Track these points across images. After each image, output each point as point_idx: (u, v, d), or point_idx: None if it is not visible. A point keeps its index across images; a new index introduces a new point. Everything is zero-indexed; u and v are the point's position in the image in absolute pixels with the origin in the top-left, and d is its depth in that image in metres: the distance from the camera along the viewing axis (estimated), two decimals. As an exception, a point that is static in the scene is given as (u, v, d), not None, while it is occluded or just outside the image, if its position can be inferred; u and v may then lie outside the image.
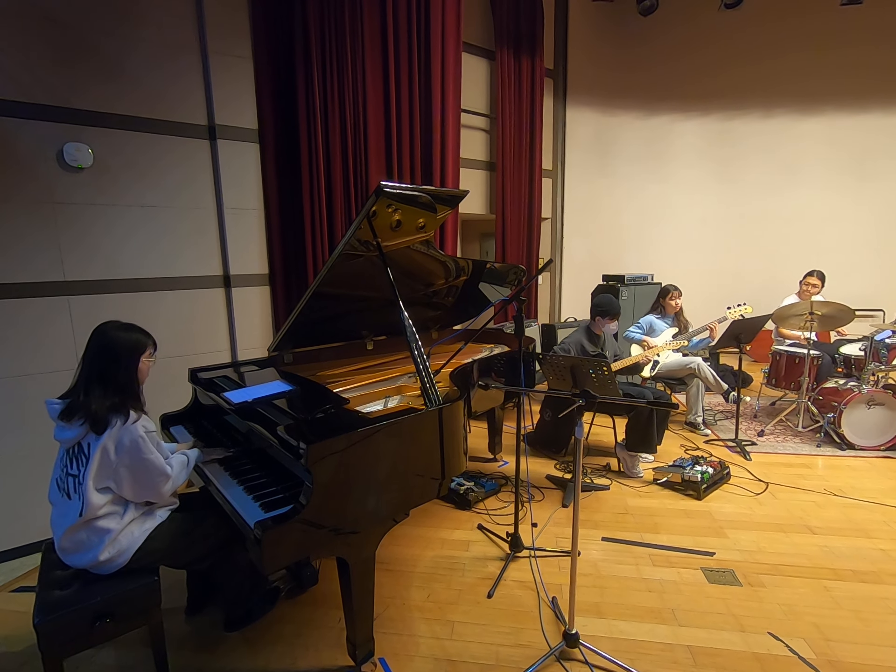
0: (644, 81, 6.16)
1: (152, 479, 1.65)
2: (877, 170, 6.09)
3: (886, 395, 3.48)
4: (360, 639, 1.75)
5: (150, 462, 1.62)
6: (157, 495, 1.70)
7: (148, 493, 1.68)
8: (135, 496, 1.66)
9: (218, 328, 3.27)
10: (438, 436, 1.84)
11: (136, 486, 1.63)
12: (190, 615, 2.09)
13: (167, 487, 1.70)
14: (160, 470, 1.65)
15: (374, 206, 1.92)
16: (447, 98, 4.10)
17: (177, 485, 1.75)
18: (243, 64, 3.16)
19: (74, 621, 1.50)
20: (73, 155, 2.59)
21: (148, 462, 1.62)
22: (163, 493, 1.70)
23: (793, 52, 5.97)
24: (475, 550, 2.50)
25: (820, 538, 2.55)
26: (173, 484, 1.73)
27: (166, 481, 1.68)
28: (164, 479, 1.67)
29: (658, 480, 3.15)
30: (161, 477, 1.66)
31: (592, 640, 1.85)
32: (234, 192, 3.20)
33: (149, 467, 1.63)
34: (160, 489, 1.68)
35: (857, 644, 1.87)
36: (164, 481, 1.68)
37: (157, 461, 1.65)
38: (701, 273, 6.29)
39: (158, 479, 1.66)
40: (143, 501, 1.69)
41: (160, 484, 1.67)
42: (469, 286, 2.95)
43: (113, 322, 1.71)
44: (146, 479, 1.64)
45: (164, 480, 1.67)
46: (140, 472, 1.62)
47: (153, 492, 1.68)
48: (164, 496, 1.72)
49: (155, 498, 1.71)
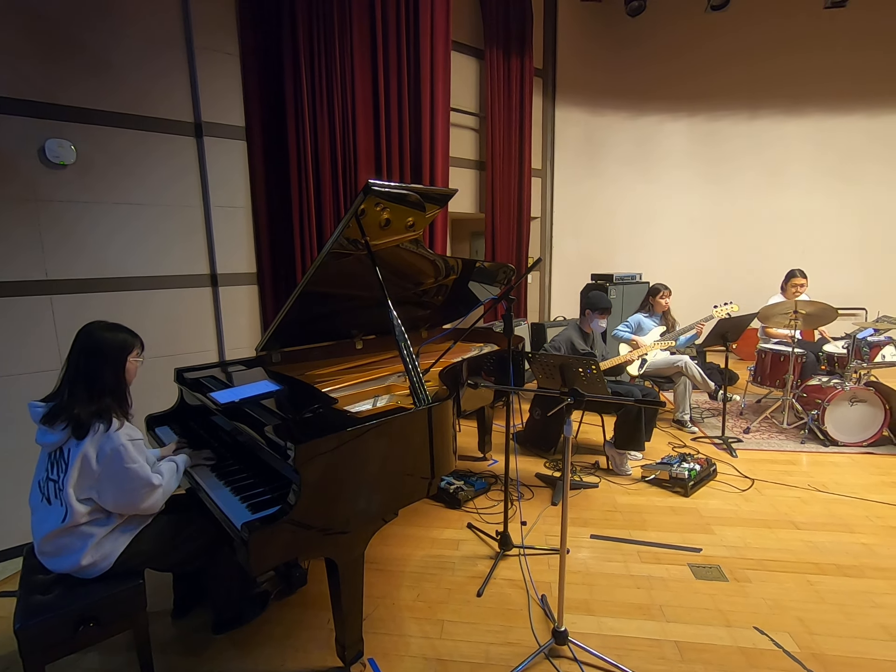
0: (632, 82, 6.20)
1: (135, 490, 1.58)
2: (860, 172, 6.20)
3: (868, 393, 3.54)
4: (349, 639, 1.74)
5: (132, 472, 1.56)
6: (141, 508, 1.61)
7: (130, 505, 1.60)
8: (117, 508, 1.59)
9: (205, 328, 3.24)
10: (428, 435, 1.83)
11: (119, 497, 1.57)
12: (176, 618, 2.06)
13: (155, 498, 1.63)
14: (144, 480, 1.59)
15: (363, 204, 1.91)
16: (436, 96, 4.10)
17: (168, 492, 1.69)
18: (230, 60, 3.13)
19: (57, 626, 1.48)
20: (56, 151, 2.54)
21: (130, 472, 1.55)
22: (149, 505, 1.62)
23: (778, 55, 6.05)
24: (465, 549, 2.50)
25: (804, 533, 2.59)
26: (164, 492, 1.67)
27: (151, 492, 1.61)
28: (149, 489, 1.60)
29: (646, 478, 3.18)
30: (145, 488, 1.59)
31: (581, 637, 1.86)
32: (222, 189, 3.16)
33: (131, 477, 1.56)
34: (144, 501, 1.60)
35: (840, 637, 1.90)
36: (149, 492, 1.61)
37: (141, 470, 1.58)
38: (688, 272, 6.36)
39: (142, 491, 1.59)
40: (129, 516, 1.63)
41: (144, 495, 1.60)
42: (458, 285, 2.95)
43: (99, 322, 1.67)
44: (129, 490, 1.57)
45: (148, 491, 1.60)
46: (122, 482, 1.55)
47: (136, 503, 1.60)
48: (152, 508, 1.65)
49: (139, 511, 1.63)
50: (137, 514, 1.66)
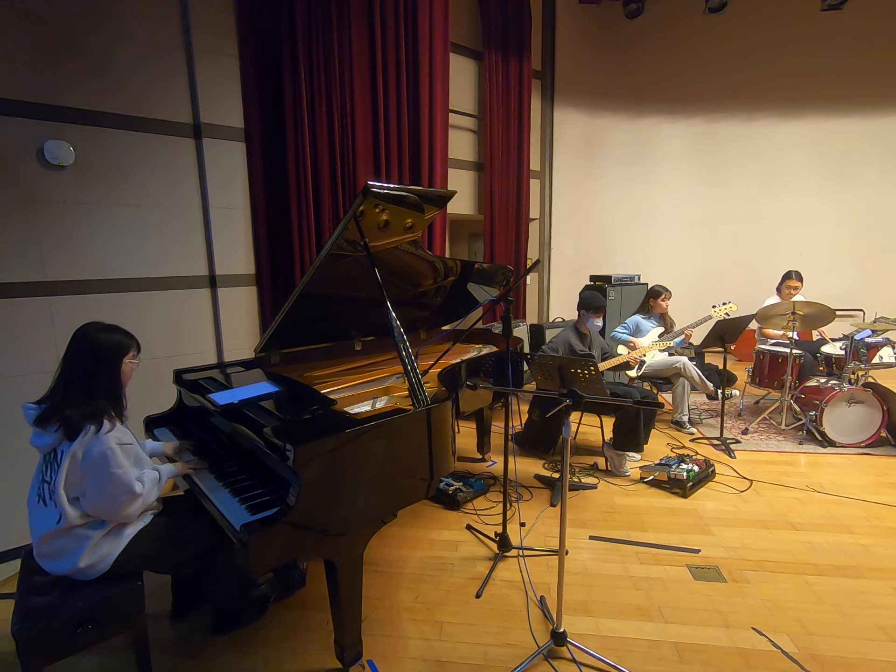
0: (630, 84, 6.22)
1: (115, 497, 1.54)
2: (856, 174, 6.23)
3: (866, 394, 3.55)
4: (348, 641, 1.74)
5: (115, 477, 1.53)
6: (121, 515, 1.58)
7: (110, 510, 1.56)
8: (95, 512, 1.56)
9: (204, 329, 3.23)
10: (427, 436, 1.83)
11: (98, 501, 1.54)
12: (175, 620, 2.05)
13: (134, 507, 1.59)
14: (126, 487, 1.55)
15: (362, 205, 1.91)
16: (435, 98, 4.10)
17: (147, 502, 1.65)
18: (229, 62, 3.13)
19: (55, 628, 1.47)
20: (54, 153, 2.54)
21: (114, 477, 1.53)
22: (127, 512, 1.58)
23: (775, 58, 6.07)
24: (464, 551, 2.50)
25: (802, 534, 2.60)
26: (143, 503, 1.63)
27: (132, 500, 1.58)
28: (129, 497, 1.57)
29: (645, 479, 3.18)
30: (125, 495, 1.56)
31: (580, 639, 1.86)
32: (221, 191, 3.16)
33: (114, 482, 1.53)
34: (123, 509, 1.57)
35: (838, 638, 1.90)
36: (129, 501, 1.57)
37: (124, 477, 1.55)
38: (686, 273, 6.37)
39: (122, 498, 1.55)
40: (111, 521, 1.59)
41: (124, 503, 1.56)
42: (457, 286, 2.95)
43: (95, 323, 1.67)
44: (109, 496, 1.54)
45: (128, 499, 1.57)
46: (104, 486, 1.53)
47: (115, 510, 1.56)
48: (129, 518, 1.61)
49: (117, 518, 1.59)
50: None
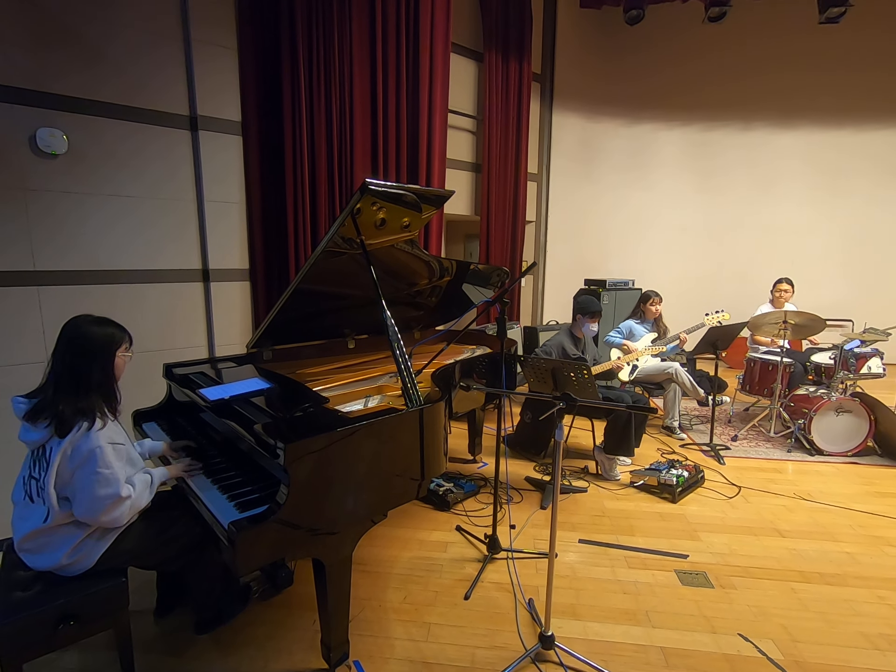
0: (629, 90, 6.25)
1: (99, 500, 1.47)
2: (848, 186, 6.32)
3: (854, 403, 3.59)
4: (334, 641, 1.73)
5: (101, 477, 1.46)
6: (102, 520, 1.50)
7: (91, 512, 1.48)
8: (79, 515, 1.48)
9: (196, 323, 3.20)
10: (419, 436, 1.83)
11: (82, 502, 1.47)
12: (159, 617, 2.03)
13: (120, 510, 1.52)
14: (112, 489, 1.48)
15: (359, 203, 1.90)
16: (434, 97, 4.10)
17: (137, 507, 1.59)
18: (228, 55, 3.10)
19: (36, 624, 1.44)
20: (47, 140, 2.50)
21: (100, 477, 1.46)
22: (111, 518, 1.51)
23: (772, 69, 6.14)
24: (453, 552, 2.49)
25: (789, 541, 2.62)
26: (132, 506, 1.55)
27: (117, 503, 1.50)
28: (114, 501, 1.49)
29: (635, 483, 3.19)
30: (110, 498, 1.48)
31: (567, 642, 1.86)
32: (216, 184, 3.14)
33: (100, 482, 1.46)
34: (107, 512, 1.49)
35: (823, 645, 1.92)
36: (114, 504, 1.49)
37: (111, 478, 1.48)
38: (680, 280, 6.42)
39: (106, 501, 1.48)
40: (95, 526, 1.52)
41: (108, 506, 1.48)
42: (452, 287, 2.95)
43: (86, 316, 1.62)
44: (93, 498, 1.46)
45: (113, 503, 1.49)
46: (89, 486, 1.46)
47: (97, 512, 1.48)
48: (115, 521, 1.53)
49: (98, 523, 1.51)
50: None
